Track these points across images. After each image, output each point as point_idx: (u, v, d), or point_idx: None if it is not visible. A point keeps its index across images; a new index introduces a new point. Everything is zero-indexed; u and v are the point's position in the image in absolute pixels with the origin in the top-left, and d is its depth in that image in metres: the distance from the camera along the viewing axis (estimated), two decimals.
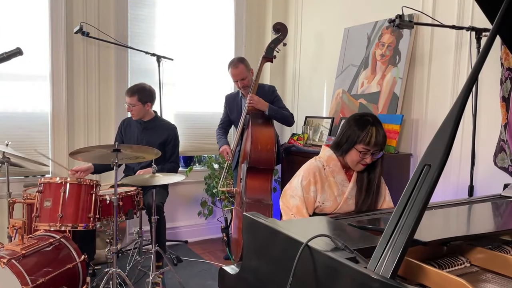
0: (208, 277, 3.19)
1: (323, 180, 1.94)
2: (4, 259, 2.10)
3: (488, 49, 1.07)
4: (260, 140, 3.03)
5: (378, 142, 1.87)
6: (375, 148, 1.88)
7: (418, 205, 0.95)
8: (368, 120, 1.91)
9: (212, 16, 4.10)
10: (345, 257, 1.01)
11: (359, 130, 1.89)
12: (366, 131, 1.87)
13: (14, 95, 3.29)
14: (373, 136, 1.86)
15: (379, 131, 1.89)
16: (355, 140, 1.88)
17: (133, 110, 3.13)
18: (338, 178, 1.96)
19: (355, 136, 1.89)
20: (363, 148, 1.87)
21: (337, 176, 1.96)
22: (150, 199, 2.79)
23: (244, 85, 3.32)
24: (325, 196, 1.94)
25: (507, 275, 1.13)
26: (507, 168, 2.44)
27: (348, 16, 3.57)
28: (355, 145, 1.89)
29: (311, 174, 1.94)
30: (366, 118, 1.93)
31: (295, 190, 1.93)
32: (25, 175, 3.39)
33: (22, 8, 3.28)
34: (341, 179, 1.97)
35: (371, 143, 1.86)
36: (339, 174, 1.97)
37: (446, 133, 0.98)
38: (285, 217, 1.92)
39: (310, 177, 1.93)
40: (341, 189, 1.96)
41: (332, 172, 1.96)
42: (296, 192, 1.92)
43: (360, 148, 1.88)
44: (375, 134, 1.86)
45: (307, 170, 1.96)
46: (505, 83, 2.43)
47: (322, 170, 1.96)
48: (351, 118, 1.97)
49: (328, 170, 1.96)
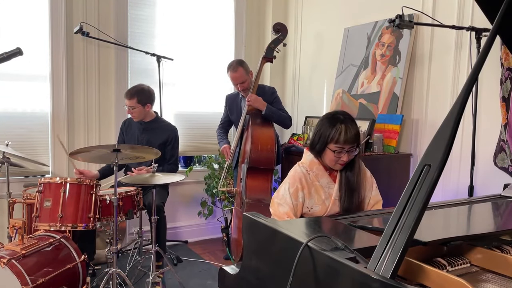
0: (208, 277, 3.19)
1: (309, 186, 1.92)
2: (4, 259, 2.10)
3: (488, 49, 1.07)
4: (260, 140, 3.03)
5: (349, 139, 1.83)
6: (347, 145, 1.84)
7: (418, 205, 0.95)
8: (338, 117, 1.88)
9: (212, 16, 4.10)
10: (345, 257, 1.01)
11: (329, 129, 1.86)
12: (335, 128, 1.84)
13: (14, 95, 3.29)
14: (343, 134, 1.83)
15: (350, 128, 1.85)
16: (327, 140, 1.86)
17: (133, 113, 3.12)
18: (323, 181, 1.94)
19: (326, 135, 1.86)
20: (336, 147, 1.84)
21: (321, 179, 1.94)
22: (151, 199, 2.79)
23: (244, 88, 3.32)
24: (313, 201, 1.92)
25: (507, 275, 1.13)
26: (507, 168, 2.44)
27: (348, 16, 3.57)
28: (328, 145, 1.86)
29: (297, 180, 1.91)
30: (336, 116, 1.90)
31: (283, 198, 1.91)
32: (25, 175, 3.39)
33: (22, 8, 3.28)
34: (326, 181, 1.94)
35: (340, 141, 1.83)
36: (323, 177, 1.94)
37: (446, 133, 0.98)
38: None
39: (297, 183, 1.91)
40: (328, 192, 1.93)
41: (316, 176, 1.94)
42: (284, 200, 1.90)
43: (333, 147, 1.85)
44: (344, 131, 1.83)
45: (293, 178, 1.93)
46: (505, 83, 2.43)
47: (307, 176, 1.93)
48: (323, 116, 1.95)
49: (312, 174, 1.94)
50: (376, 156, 2.86)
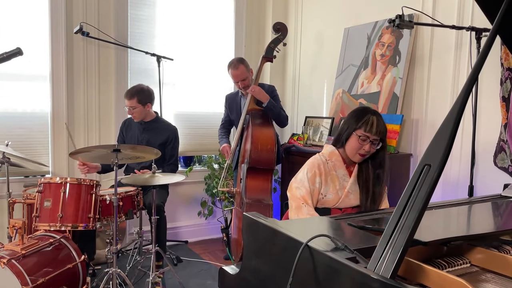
0: (208, 277, 3.19)
1: (326, 173, 2.00)
2: (4, 259, 2.10)
3: (488, 49, 1.07)
4: (260, 140, 3.03)
5: (378, 130, 1.91)
6: (374, 136, 1.92)
7: (418, 205, 0.95)
8: (368, 110, 1.99)
9: (212, 16, 4.10)
10: (345, 257, 1.01)
11: (359, 118, 1.95)
12: (366, 118, 1.93)
13: (14, 95, 3.29)
14: (374, 123, 1.91)
15: (380, 120, 1.94)
16: (355, 127, 1.94)
17: (134, 113, 3.12)
18: (339, 172, 2.02)
19: (354, 123, 1.95)
20: (363, 134, 1.92)
21: (338, 170, 2.02)
22: (151, 199, 2.79)
23: (245, 86, 3.33)
24: (328, 189, 1.99)
25: (507, 275, 1.13)
26: (507, 168, 2.44)
27: (348, 16, 3.57)
28: (355, 131, 1.94)
29: (315, 166, 1.99)
30: (366, 109, 2.03)
31: (300, 182, 1.98)
32: (25, 175, 3.39)
33: (22, 8, 3.28)
34: (343, 173, 2.02)
35: (372, 130, 1.91)
36: (340, 168, 2.02)
37: (446, 133, 0.98)
38: (296, 208, 1.95)
39: (315, 168, 1.99)
40: (342, 183, 2.01)
41: (334, 166, 2.02)
42: (302, 183, 1.97)
43: (360, 133, 1.92)
44: (376, 121, 1.92)
45: (312, 163, 2.02)
46: (505, 83, 2.43)
47: (326, 164, 2.02)
48: (352, 111, 2.05)
49: (331, 164, 2.02)
50: None
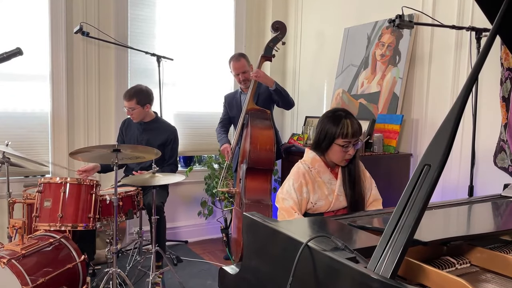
0: (208, 277, 3.19)
1: (312, 181, 1.99)
2: (4, 259, 2.10)
3: (488, 49, 1.07)
4: (259, 140, 3.03)
5: (355, 132, 1.94)
6: (354, 138, 1.94)
7: (418, 205, 0.95)
8: (340, 114, 1.97)
9: (212, 16, 4.10)
10: (345, 257, 1.01)
11: (334, 126, 1.95)
12: (341, 124, 1.94)
13: (14, 95, 3.29)
14: (349, 127, 1.93)
15: (353, 121, 1.96)
16: (333, 136, 1.94)
17: (133, 114, 3.11)
18: (325, 177, 2.01)
19: (331, 132, 1.95)
20: (344, 142, 1.93)
21: (323, 175, 2.01)
22: (150, 199, 2.79)
23: (245, 78, 3.36)
24: (317, 196, 1.99)
25: (507, 275, 1.13)
26: (507, 168, 2.44)
27: (348, 16, 3.57)
28: (335, 140, 1.94)
29: (301, 176, 1.98)
30: (338, 113, 1.99)
31: (287, 193, 1.97)
32: (25, 175, 3.39)
33: (22, 8, 3.28)
34: (328, 178, 2.02)
35: (349, 135, 1.92)
36: (325, 173, 2.02)
37: (446, 133, 0.98)
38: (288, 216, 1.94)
39: (301, 178, 1.97)
40: (330, 188, 2.01)
41: (319, 173, 2.01)
42: (289, 195, 1.96)
43: (340, 142, 1.93)
44: (351, 125, 1.94)
45: (297, 173, 2.00)
46: (505, 83, 2.43)
47: (309, 172, 2.00)
48: (323, 116, 2.03)
49: (314, 171, 2.01)
50: (376, 156, 2.86)
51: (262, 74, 3.15)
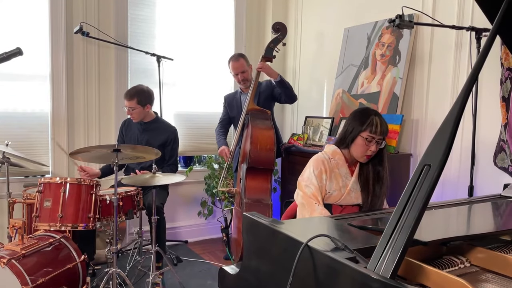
0: (208, 277, 3.19)
1: (331, 170, 2.03)
2: (4, 259, 2.10)
3: (488, 49, 1.07)
4: (259, 140, 3.03)
5: (382, 130, 1.98)
6: (379, 136, 1.97)
7: (418, 205, 0.95)
8: (370, 111, 2.04)
9: (212, 16, 4.10)
10: (345, 257, 1.01)
11: (363, 119, 1.99)
12: (370, 119, 1.98)
13: (14, 95, 3.29)
14: (378, 124, 1.97)
15: (382, 121, 2.00)
16: (360, 129, 1.98)
17: (133, 114, 3.11)
18: (342, 170, 2.05)
19: (359, 125, 1.99)
20: (369, 135, 1.96)
21: (341, 168, 2.05)
22: (150, 199, 2.79)
23: (244, 78, 3.38)
24: (332, 186, 2.02)
25: (507, 275, 1.13)
26: (507, 168, 2.44)
27: (348, 16, 3.57)
28: (361, 133, 1.98)
29: (320, 163, 2.03)
30: (368, 110, 2.07)
31: (308, 180, 2.01)
32: (25, 175, 3.39)
33: (22, 8, 3.28)
34: (345, 172, 2.05)
35: (377, 131, 1.96)
36: (342, 167, 2.06)
37: (446, 133, 0.98)
38: (309, 207, 1.96)
39: (321, 166, 2.02)
40: (345, 181, 2.04)
41: (337, 165, 2.05)
42: (310, 181, 2.00)
43: (366, 135, 1.97)
44: (379, 122, 1.98)
45: (316, 161, 2.05)
46: (505, 83, 2.43)
47: (329, 161, 2.05)
48: (353, 112, 2.09)
49: (334, 162, 2.05)
50: None
51: (266, 66, 3.19)
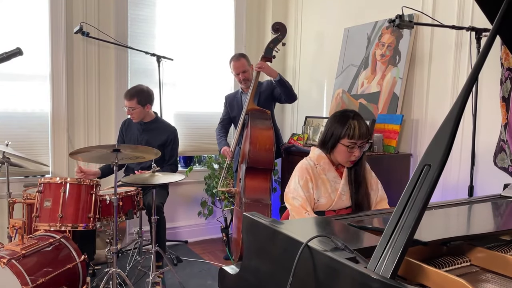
0: (208, 277, 3.19)
1: (316, 177, 1.99)
2: (4, 259, 2.10)
3: (488, 49, 1.07)
4: (259, 140, 3.03)
5: (361, 134, 1.92)
6: (360, 140, 1.93)
7: (418, 205, 0.95)
8: (348, 115, 1.97)
9: (212, 16, 4.10)
10: (345, 257, 1.01)
11: (341, 126, 1.95)
12: (348, 125, 1.93)
13: (14, 95, 3.29)
14: (356, 129, 1.92)
15: (361, 123, 1.95)
16: (339, 136, 1.94)
17: (133, 114, 3.11)
18: (329, 175, 2.01)
19: (338, 131, 1.95)
20: (349, 142, 1.92)
21: (328, 173, 2.01)
22: (150, 199, 2.79)
23: (245, 78, 3.38)
24: (320, 193, 1.98)
25: (507, 275, 1.13)
26: (507, 168, 2.44)
27: (348, 16, 3.57)
28: (340, 140, 1.94)
29: (305, 172, 1.98)
30: (346, 113, 1.99)
31: (295, 191, 1.97)
32: (25, 175, 3.39)
33: (22, 8, 3.28)
34: (333, 176, 2.01)
35: (355, 136, 1.91)
36: (330, 171, 2.02)
37: (446, 133, 0.98)
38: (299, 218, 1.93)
39: (306, 175, 1.97)
40: (334, 186, 2.00)
41: (323, 170, 2.01)
42: (297, 193, 1.96)
43: (346, 142, 1.93)
44: (358, 126, 1.93)
45: (301, 170, 2.00)
46: (505, 83, 2.43)
47: (314, 168, 2.01)
48: (332, 115, 2.04)
49: (319, 168, 2.01)
50: (376, 156, 2.85)
51: (266, 66, 3.19)
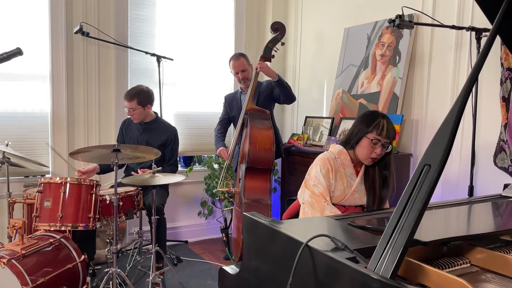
0: (208, 277, 3.19)
1: (336, 169, 2.02)
2: (4, 259, 2.10)
3: (488, 49, 1.07)
4: (258, 140, 3.03)
5: (388, 134, 1.95)
6: (385, 139, 1.94)
7: (418, 205, 0.95)
8: (378, 114, 2.02)
9: (212, 16, 4.10)
10: (345, 257, 1.01)
11: (370, 121, 1.97)
12: (377, 121, 1.96)
13: (14, 95, 3.29)
14: (384, 127, 1.94)
15: (390, 124, 1.97)
16: (366, 130, 1.96)
17: (134, 114, 3.10)
18: (347, 170, 2.04)
19: (365, 127, 1.97)
20: (375, 137, 1.94)
21: (346, 168, 2.04)
22: (150, 199, 2.78)
23: (245, 77, 3.39)
24: (336, 185, 2.01)
25: (507, 275, 1.13)
26: (507, 168, 2.44)
27: (348, 16, 3.57)
28: (367, 134, 1.95)
29: (327, 162, 2.01)
30: (376, 112, 2.04)
31: (316, 179, 1.99)
32: (25, 175, 3.39)
33: (22, 8, 3.28)
34: (350, 172, 2.04)
35: (382, 133, 1.93)
36: (348, 167, 2.04)
37: (446, 133, 0.98)
38: (318, 206, 1.94)
39: (328, 165, 2.00)
40: (349, 182, 2.03)
41: (343, 164, 2.03)
42: (318, 180, 1.98)
43: (372, 136, 1.94)
44: (386, 126, 1.95)
45: (323, 160, 2.02)
46: (505, 83, 2.43)
47: (335, 160, 2.03)
48: (361, 114, 2.07)
49: (339, 161, 2.03)
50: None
51: (265, 66, 3.20)
